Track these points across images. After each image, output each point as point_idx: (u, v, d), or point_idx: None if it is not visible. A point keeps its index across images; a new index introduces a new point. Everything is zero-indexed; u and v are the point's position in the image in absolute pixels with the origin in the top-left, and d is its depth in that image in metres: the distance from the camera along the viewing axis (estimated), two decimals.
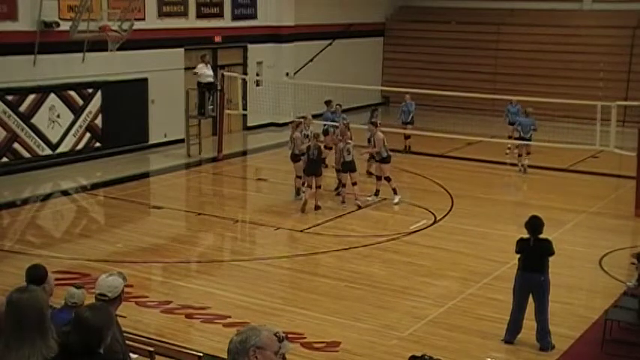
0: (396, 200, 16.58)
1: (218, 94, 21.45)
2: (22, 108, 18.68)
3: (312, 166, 15.94)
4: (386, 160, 16.56)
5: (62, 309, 6.49)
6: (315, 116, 18.73)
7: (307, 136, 16.73)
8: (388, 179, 16.59)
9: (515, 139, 20.31)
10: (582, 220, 15.80)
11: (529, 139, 19.60)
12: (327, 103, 20.11)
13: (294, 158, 16.77)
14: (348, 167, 16.37)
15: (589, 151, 20.16)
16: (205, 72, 21.20)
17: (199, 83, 21.22)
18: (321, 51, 27.41)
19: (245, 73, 24.23)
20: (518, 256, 9.90)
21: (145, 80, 21.36)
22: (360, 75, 27.34)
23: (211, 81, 21.27)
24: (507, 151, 21.80)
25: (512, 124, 21.43)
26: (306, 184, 16.12)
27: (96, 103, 20.29)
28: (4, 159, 18.48)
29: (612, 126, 17.69)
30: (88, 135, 20.23)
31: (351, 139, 16.63)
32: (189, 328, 10.36)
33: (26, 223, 15.38)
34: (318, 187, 16.05)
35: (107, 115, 20.46)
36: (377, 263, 13.05)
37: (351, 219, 15.56)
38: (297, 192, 16.79)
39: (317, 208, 15.93)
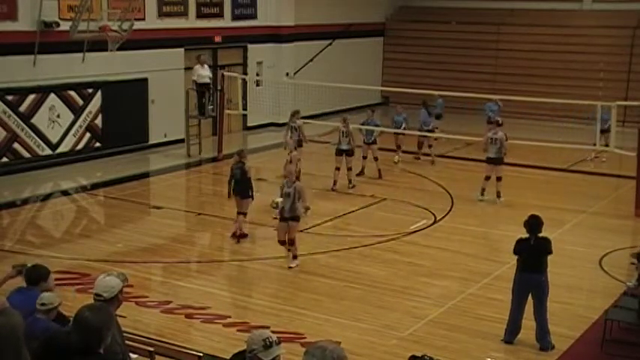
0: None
1: (218, 94, 21.45)
2: (22, 108, 18.68)
3: (237, 187, 14.11)
4: None
5: (36, 318, 6.38)
6: (313, 117, 18.72)
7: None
8: None
9: (601, 131, 20.15)
10: (582, 220, 15.80)
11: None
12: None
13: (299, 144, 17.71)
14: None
15: (589, 151, 20.14)
16: (200, 73, 21.17)
17: (194, 83, 21.21)
18: (321, 51, 27.41)
19: (245, 73, 24.22)
20: (517, 256, 9.91)
21: (145, 80, 21.35)
22: (360, 75, 27.34)
23: (207, 82, 21.24)
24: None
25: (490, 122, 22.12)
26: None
27: (96, 103, 20.29)
28: (4, 159, 18.47)
29: (612, 126, 17.69)
30: (88, 135, 20.23)
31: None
32: (189, 328, 10.35)
33: (26, 223, 15.38)
34: (241, 213, 14.09)
35: (107, 115, 20.46)
36: (377, 263, 13.04)
37: (351, 219, 15.55)
38: None
39: (240, 237, 14.05)
